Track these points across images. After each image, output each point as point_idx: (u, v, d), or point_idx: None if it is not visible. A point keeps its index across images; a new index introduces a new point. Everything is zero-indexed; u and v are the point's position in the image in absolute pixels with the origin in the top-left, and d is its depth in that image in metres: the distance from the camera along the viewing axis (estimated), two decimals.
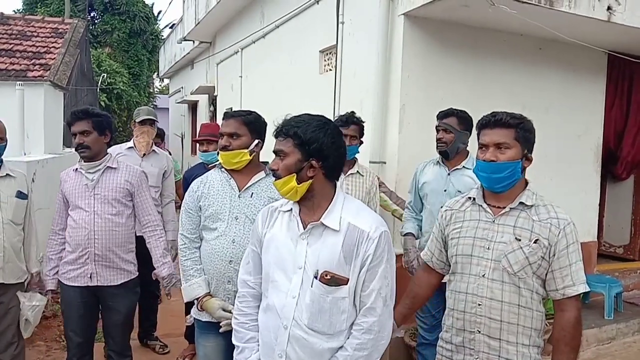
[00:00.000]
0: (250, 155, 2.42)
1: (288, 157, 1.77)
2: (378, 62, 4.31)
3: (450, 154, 3.21)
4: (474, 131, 2.18)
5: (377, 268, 1.73)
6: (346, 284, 1.72)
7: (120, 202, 2.96)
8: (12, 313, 2.92)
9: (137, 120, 4.26)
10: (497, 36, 4.59)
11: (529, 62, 4.78)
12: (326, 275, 1.71)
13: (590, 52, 4.78)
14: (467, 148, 3.29)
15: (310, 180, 1.77)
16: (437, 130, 3.24)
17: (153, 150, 4.27)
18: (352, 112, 3.54)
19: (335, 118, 3.59)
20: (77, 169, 2.96)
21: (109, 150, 3.10)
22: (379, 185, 3.69)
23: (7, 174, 2.93)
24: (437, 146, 3.25)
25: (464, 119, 3.21)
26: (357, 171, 3.52)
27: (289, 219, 1.84)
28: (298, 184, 1.76)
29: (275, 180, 1.81)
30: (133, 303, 3.12)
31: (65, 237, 2.97)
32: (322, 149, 1.75)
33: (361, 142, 3.58)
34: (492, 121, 1.98)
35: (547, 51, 4.84)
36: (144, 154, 4.18)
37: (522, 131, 1.96)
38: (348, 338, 1.75)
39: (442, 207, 2.25)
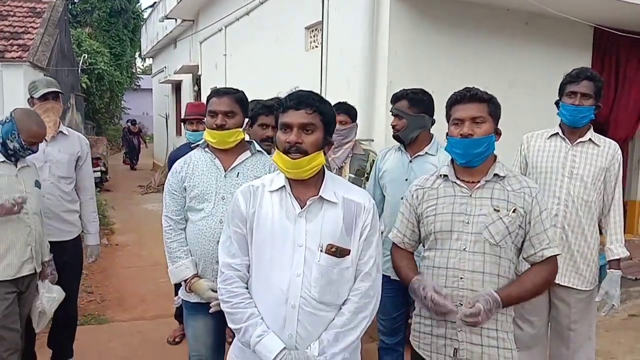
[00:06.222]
0: (243, 134, 2.40)
1: (317, 132, 1.76)
2: (365, 39, 4.25)
3: (405, 140, 2.89)
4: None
5: (373, 237, 1.82)
6: (349, 255, 1.79)
7: None
8: (29, 302, 2.85)
9: (35, 96, 3.21)
10: (484, 12, 4.54)
11: (515, 38, 4.75)
12: (331, 248, 1.76)
13: (577, 27, 4.77)
14: (431, 131, 2.96)
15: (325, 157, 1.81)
16: (394, 116, 2.93)
17: (60, 131, 3.30)
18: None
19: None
20: None
21: None
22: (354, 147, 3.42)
23: (27, 164, 2.84)
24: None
25: (416, 101, 2.85)
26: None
27: (280, 198, 1.81)
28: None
29: (292, 152, 1.73)
30: None
31: None
32: (333, 128, 1.84)
33: None
34: (468, 96, 2.01)
35: (533, 26, 4.81)
36: (51, 136, 3.20)
37: (493, 106, 2.02)
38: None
39: (410, 187, 2.22)
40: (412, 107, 2.85)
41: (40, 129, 2.77)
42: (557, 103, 2.83)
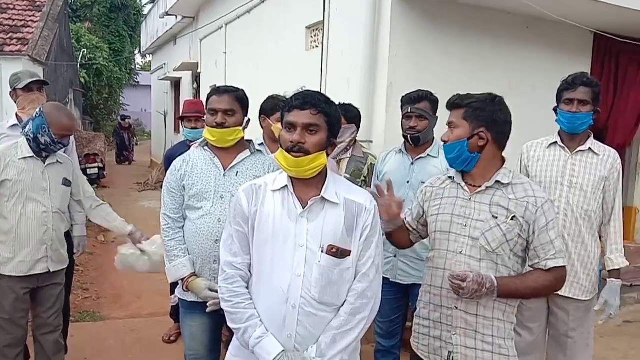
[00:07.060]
0: (243, 133, 2.40)
1: (320, 133, 1.77)
2: (365, 39, 4.25)
3: (423, 141, 2.90)
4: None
5: (373, 238, 1.82)
6: (350, 255, 1.79)
7: None
8: (60, 299, 2.89)
9: (19, 87, 3.16)
10: (485, 14, 4.55)
11: (516, 41, 4.75)
12: (332, 249, 1.76)
13: (577, 31, 4.77)
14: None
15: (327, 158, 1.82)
16: (409, 117, 2.87)
17: None
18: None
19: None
20: None
21: None
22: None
23: (57, 161, 2.83)
24: (405, 134, 2.92)
25: (434, 102, 2.89)
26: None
27: (282, 197, 1.81)
28: None
29: (294, 152, 1.74)
30: None
31: None
32: (338, 130, 1.85)
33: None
34: (450, 103, 2.06)
35: (534, 30, 4.82)
36: None
37: (470, 110, 1.98)
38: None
39: (422, 186, 2.24)
40: (432, 108, 2.90)
41: (70, 121, 2.77)
42: (555, 110, 2.81)
